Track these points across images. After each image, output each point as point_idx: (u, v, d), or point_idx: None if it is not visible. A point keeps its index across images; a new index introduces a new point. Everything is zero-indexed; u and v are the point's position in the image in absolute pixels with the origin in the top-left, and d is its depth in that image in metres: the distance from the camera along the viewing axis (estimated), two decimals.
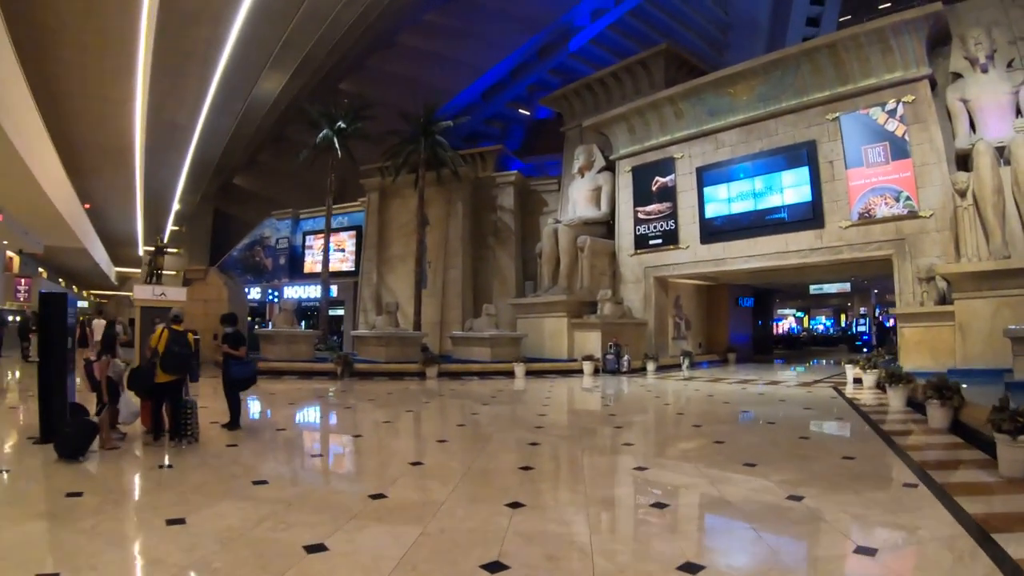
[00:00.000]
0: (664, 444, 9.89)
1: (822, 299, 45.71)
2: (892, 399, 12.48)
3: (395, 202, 30.86)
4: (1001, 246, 15.50)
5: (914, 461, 7.48)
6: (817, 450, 8.73)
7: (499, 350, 22.38)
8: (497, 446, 9.19)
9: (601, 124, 26.39)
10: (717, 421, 11.56)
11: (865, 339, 39.01)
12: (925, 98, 18.40)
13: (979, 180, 15.86)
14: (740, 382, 18.71)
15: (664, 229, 24.34)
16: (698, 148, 23.71)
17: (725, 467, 7.47)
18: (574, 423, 12.37)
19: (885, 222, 18.89)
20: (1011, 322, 13.66)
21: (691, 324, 27.63)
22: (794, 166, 21.05)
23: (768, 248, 21.46)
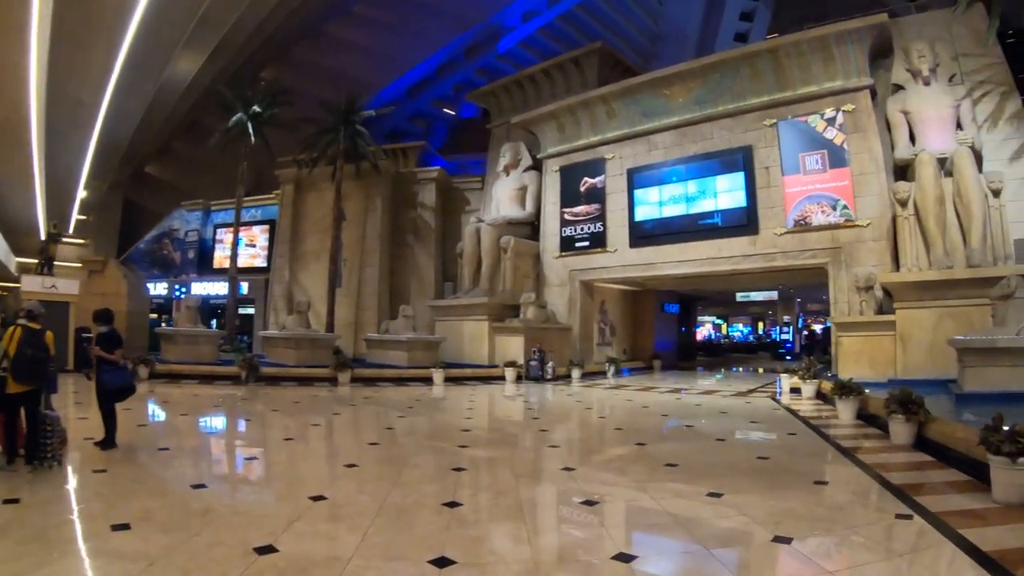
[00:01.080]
0: (608, 468, 8.35)
1: (741, 307, 45.28)
2: (842, 411, 11.70)
3: (311, 195, 28.72)
4: (942, 256, 15.15)
5: (894, 485, 6.62)
6: (783, 473, 7.58)
7: (416, 354, 20.93)
8: (417, 472, 7.57)
9: (530, 121, 25.06)
10: (662, 438, 10.47)
11: (788, 347, 39.07)
12: (865, 108, 18.03)
13: (921, 190, 15.49)
14: (672, 391, 17.66)
15: (592, 231, 23.08)
16: (630, 149, 22.67)
17: (690, 497, 6.38)
18: (502, 441, 10.98)
19: (821, 230, 18.31)
20: (953, 332, 13.38)
21: (616, 330, 26.60)
22: (729, 171, 20.25)
23: (700, 254, 20.56)
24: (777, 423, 11.80)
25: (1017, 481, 5.73)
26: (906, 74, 17.52)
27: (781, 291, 35.42)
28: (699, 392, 17.52)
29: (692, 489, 6.59)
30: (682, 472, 7.46)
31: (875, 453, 8.44)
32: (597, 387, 18.96)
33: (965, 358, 11.17)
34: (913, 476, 7.11)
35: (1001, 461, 5.76)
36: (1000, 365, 10.60)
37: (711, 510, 5.90)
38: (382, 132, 35.51)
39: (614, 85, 22.85)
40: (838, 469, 7.88)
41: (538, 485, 7.28)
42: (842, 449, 8.84)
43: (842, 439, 9.65)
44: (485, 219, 24.82)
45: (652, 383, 20.20)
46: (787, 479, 7.18)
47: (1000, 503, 5.76)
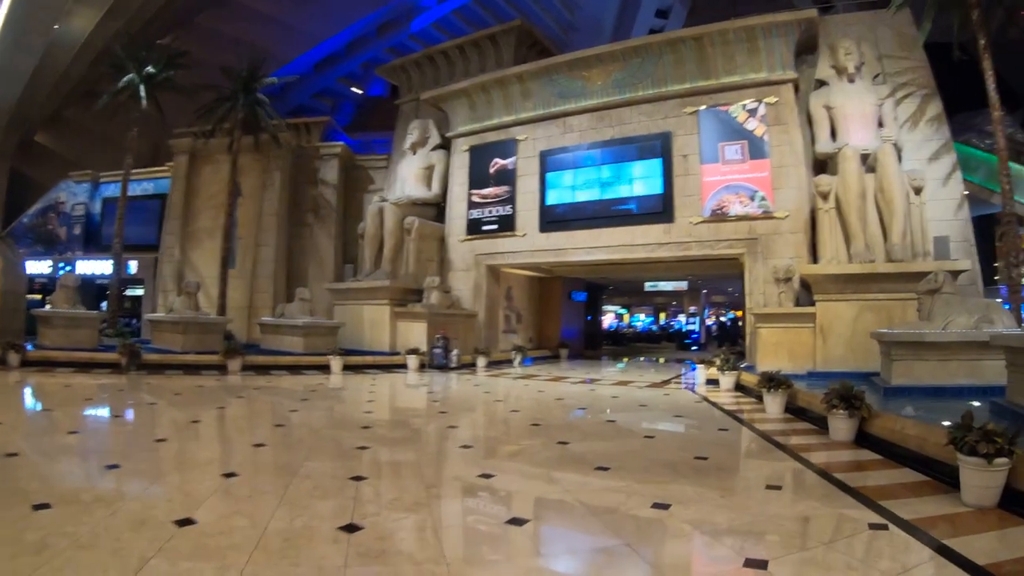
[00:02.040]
0: (532, 474, 6.90)
1: (645, 296, 44.94)
2: (770, 405, 11.09)
3: (206, 168, 26.34)
4: (863, 250, 14.84)
5: (853, 488, 5.96)
6: (728, 476, 6.92)
7: (314, 340, 19.28)
8: (308, 484, 5.97)
9: (440, 98, 23.55)
10: (585, 435, 9.20)
11: (695, 337, 38.58)
12: (788, 101, 17.74)
13: (844, 184, 15.16)
14: (584, 382, 16.75)
15: (500, 214, 21.80)
16: (544, 131, 21.53)
17: (634, 509, 5.38)
18: (408, 440, 9.21)
19: (738, 220, 17.78)
20: (874, 326, 13.32)
21: (522, 317, 25.55)
22: (646, 157, 19.45)
23: (613, 240, 19.66)
24: (703, 417, 11.02)
25: (991, 483, 5.35)
26: (830, 71, 17.29)
27: (691, 281, 34.95)
28: (613, 383, 16.59)
29: (634, 500, 5.61)
30: (617, 477, 6.48)
31: (818, 451, 7.78)
32: (504, 376, 17.88)
33: (893, 352, 10.81)
34: (869, 477, 6.51)
35: (976, 462, 5.33)
36: (927, 359, 10.50)
37: (660, 527, 5.02)
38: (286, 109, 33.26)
39: (531, 64, 21.74)
40: (786, 470, 7.10)
41: (454, 500, 5.93)
42: (782, 447, 8.11)
43: (778, 435, 8.92)
44: (389, 198, 23.15)
45: (561, 373, 19.25)
46: (735, 484, 6.59)
47: (972, 506, 5.37)
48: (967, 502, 5.43)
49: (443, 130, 23.76)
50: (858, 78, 16.92)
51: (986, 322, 10.73)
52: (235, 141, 23.25)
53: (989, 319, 10.82)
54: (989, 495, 5.36)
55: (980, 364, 10.31)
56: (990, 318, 10.85)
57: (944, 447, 5.90)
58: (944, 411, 8.02)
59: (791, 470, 7.02)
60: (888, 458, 7.25)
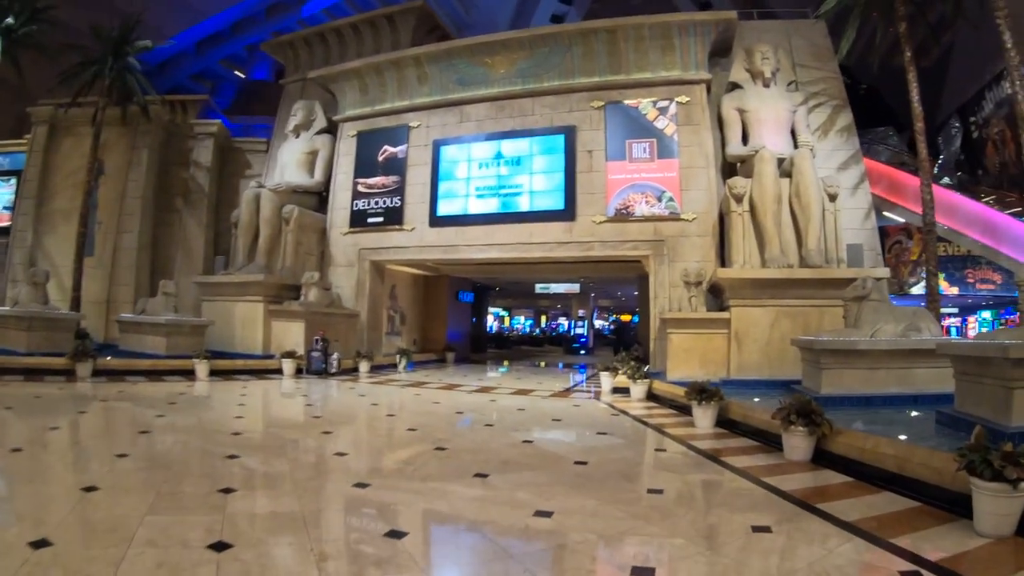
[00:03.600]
0: (460, 533, 5.09)
1: (530, 299, 43.79)
2: (700, 418, 10.03)
3: (67, 142, 23.13)
4: (778, 255, 14.20)
5: (851, 524, 4.99)
6: (699, 519, 5.51)
7: (178, 340, 16.75)
8: (149, 559, 3.94)
9: (329, 78, 21.51)
10: (504, 463, 7.29)
11: (583, 342, 37.46)
12: (700, 101, 17.21)
13: (761, 187, 14.50)
14: (481, 390, 15.14)
15: (387, 206, 19.89)
16: (439, 119, 19.93)
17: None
18: (287, 477, 6.50)
19: (644, 221, 16.90)
20: (790, 332, 13.11)
21: (407, 318, 23.75)
22: (548, 151, 18.24)
23: (509, 238, 18.26)
24: (629, 435, 9.87)
25: (1012, 510, 4.73)
26: (745, 74, 16.80)
27: (582, 284, 33.66)
28: (512, 392, 15.07)
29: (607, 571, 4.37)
30: (566, 527, 5.00)
31: (780, 475, 6.72)
32: (391, 384, 15.99)
33: (823, 360, 10.23)
34: (855, 507, 5.50)
35: (999, 489, 4.69)
36: (858, 368, 10.05)
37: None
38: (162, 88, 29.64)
39: (431, 46, 20.09)
40: (761, 503, 5.79)
41: (354, 565, 4.18)
42: (739, 471, 6.95)
43: (726, 455, 7.80)
44: (267, 184, 20.71)
45: (452, 379, 17.65)
46: (714, 528, 5.18)
47: (989, 536, 4.73)
48: (984, 532, 4.76)
49: (330, 113, 21.68)
50: (773, 84, 16.54)
51: (914, 330, 10.45)
52: (100, 111, 20.53)
53: (917, 327, 10.52)
54: (1008, 523, 4.74)
55: (910, 372, 10.08)
56: (918, 326, 10.55)
57: (931, 468, 5.62)
58: (891, 423, 7.94)
59: (766, 503, 5.80)
60: (859, 480, 6.48)
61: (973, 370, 7.39)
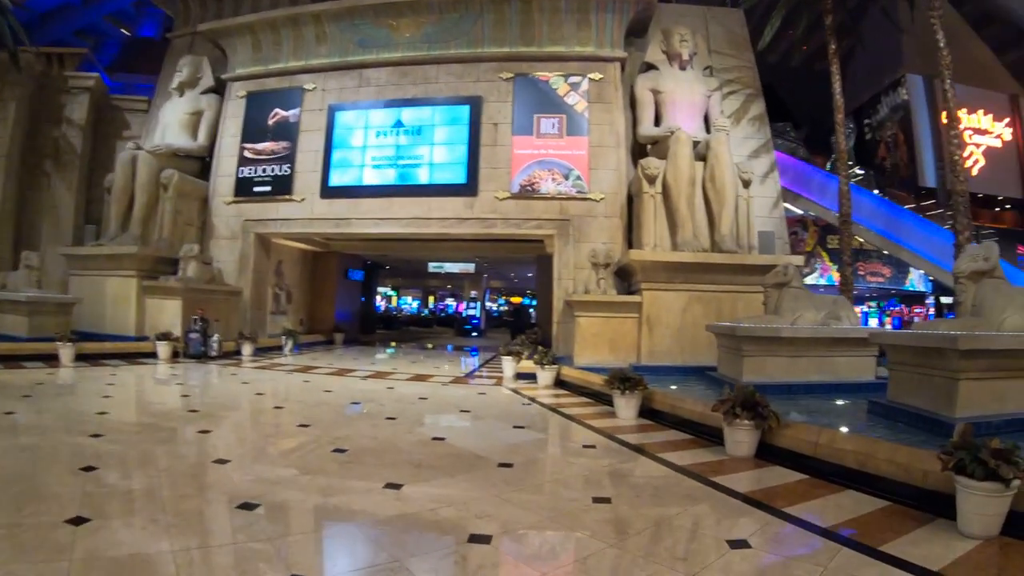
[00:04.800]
0: (372, 544, 4.15)
1: (420, 279, 42.13)
2: (622, 408, 9.15)
3: None
4: (691, 238, 13.74)
5: (830, 531, 4.43)
6: (670, 531, 4.59)
7: (42, 320, 14.57)
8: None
9: (220, 32, 19.37)
10: (417, 467, 6.08)
11: (475, 323, 36.27)
12: (613, 79, 16.42)
13: (676, 169, 13.93)
14: (376, 376, 13.73)
15: (276, 175, 18.05)
16: (336, 82, 18.25)
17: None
18: (156, 497, 4.87)
19: (549, 199, 15.96)
20: (703, 317, 12.86)
21: (293, 296, 21.75)
22: (452, 122, 17.00)
23: (406, 212, 16.85)
24: (550, 428, 8.85)
25: (1001, 510, 4.35)
26: (662, 55, 16.26)
27: (478, 264, 32.09)
28: (410, 378, 13.68)
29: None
30: (521, 559, 4.07)
31: (733, 474, 6.02)
32: (277, 369, 14.37)
33: (745, 347, 9.81)
34: (827, 510, 4.95)
35: (991, 488, 4.29)
36: (780, 355, 9.77)
37: None
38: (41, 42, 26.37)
39: (332, 3, 18.17)
40: (728, 513, 5.03)
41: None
42: (687, 472, 6.08)
43: (663, 452, 6.92)
44: (146, 146, 18.41)
45: (343, 363, 16.09)
46: (691, 553, 4.27)
47: (976, 537, 4.34)
48: (971, 533, 4.42)
49: (219, 72, 19.56)
50: (690, 67, 16.16)
51: (834, 318, 10.34)
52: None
53: (837, 315, 10.41)
54: (997, 523, 4.42)
55: (831, 360, 9.99)
56: (838, 314, 10.43)
57: (897, 465, 5.27)
58: (822, 412, 7.78)
59: (729, 510, 5.09)
60: (815, 477, 5.95)
61: (913, 360, 7.12)
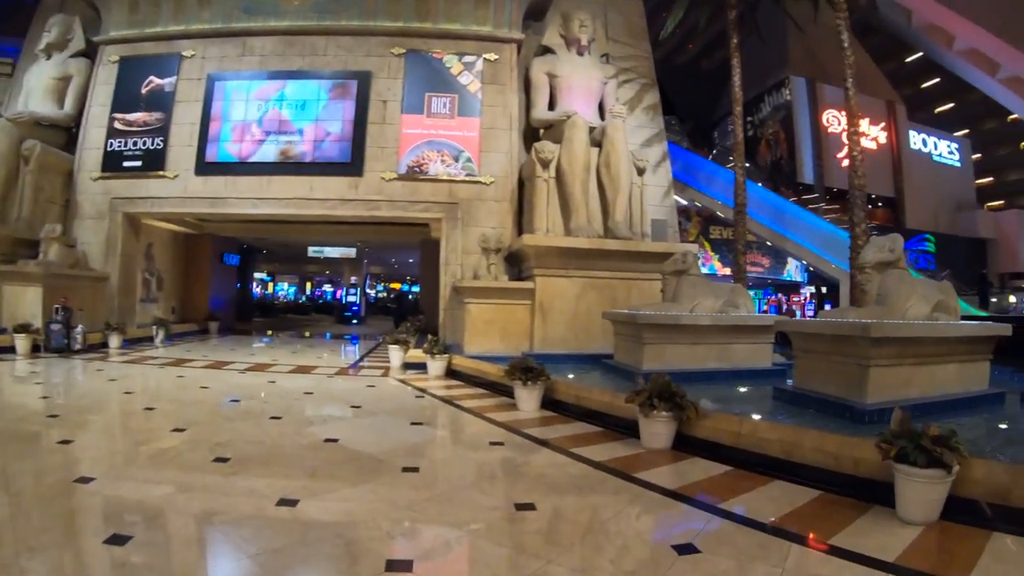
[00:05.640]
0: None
1: (297, 264, 40.26)
2: (524, 400, 8.53)
3: None
4: (585, 224, 13.23)
5: (776, 527, 4.18)
6: (608, 538, 4.05)
7: None
8: None
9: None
10: (312, 474, 5.25)
11: (355, 310, 34.74)
12: (509, 61, 15.79)
13: (571, 153, 13.44)
14: (256, 368, 12.40)
15: (148, 148, 16.34)
16: (218, 50, 16.68)
17: None
18: (9, 528, 3.76)
19: (438, 181, 15.16)
20: (597, 304, 12.53)
21: (164, 283, 19.82)
22: (339, 98, 15.85)
23: (288, 192, 15.55)
24: (449, 424, 8.17)
25: (942, 495, 4.32)
26: (560, 39, 15.74)
27: (359, 249, 30.60)
28: (291, 369, 12.57)
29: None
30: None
31: (655, 469, 5.61)
32: (148, 362, 12.80)
33: (645, 335, 9.56)
34: (767, 503, 4.65)
35: (933, 475, 4.25)
36: (680, 343, 9.64)
37: None
38: None
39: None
40: (664, 513, 4.65)
41: None
42: (607, 469, 5.59)
43: (575, 446, 6.38)
44: (5, 114, 16.46)
45: (219, 355, 14.69)
46: (640, 564, 3.81)
47: (917, 523, 4.28)
48: (912, 519, 4.31)
49: (92, 34, 17.40)
50: (587, 53, 15.72)
51: (731, 306, 10.28)
52: None
53: (735, 303, 10.35)
54: (937, 508, 4.34)
55: (729, 348, 9.98)
56: (735, 302, 10.38)
57: (825, 453, 5.11)
58: (728, 400, 7.59)
59: (665, 509, 4.72)
60: (739, 468, 5.65)
61: (823, 348, 7.08)
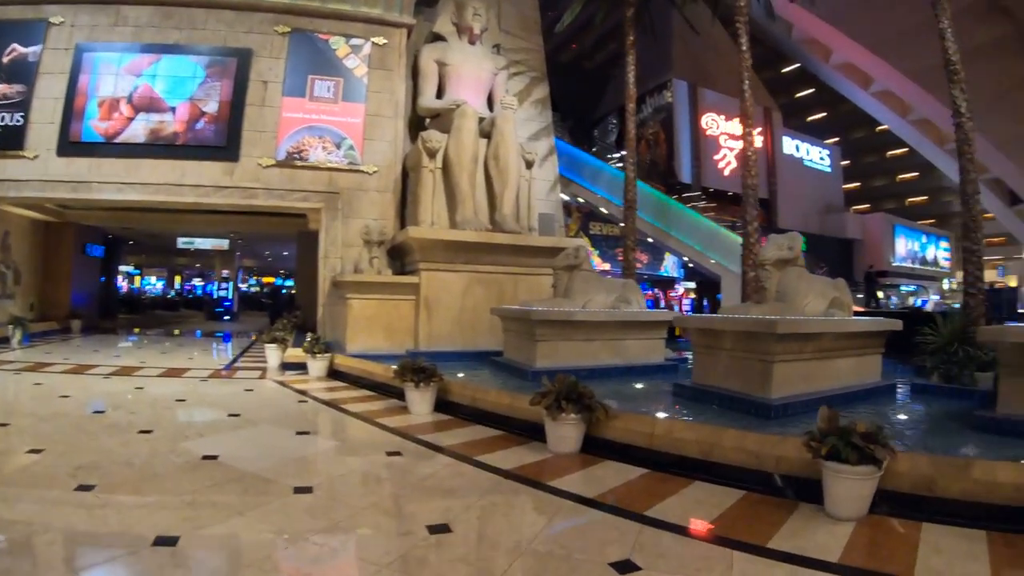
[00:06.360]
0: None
1: (166, 256, 37.94)
2: (417, 403, 7.89)
3: None
4: (473, 217, 12.78)
5: (715, 535, 3.96)
6: (546, 562, 3.65)
7: None
8: None
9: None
10: (188, 504, 4.33)
11: (227, 305, 33.02)
12: (398, 47, 14.97)
13: (459, 144, 12.92)
14: (122, 372, 11.11)
15: (6, 124, 14.39)
16: (89, 17, 14.95)
17: None
18: None
19: (319, 170, 14.19)
20: (484, 300, 12.28)
21: (22, 277, 17.73)
22: (217, 76, 14.56)
23: (157, 177, 14.10)
24: (338, 432, 7.39)
25: (871, 490, 4.29)
26: (452, 27, 15.08)
27: (232, 240, 28.54)
28: (161, 373, 11.28)
29: None
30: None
31: (571, 475, 5.24)
32: (2, 368, 11.19)
33: (538, 331, 9.20)
34: (695, 508, 4.40)
35: (865, 471, 4.20)
36: (573, 339, 9.39)
37: None
38: None
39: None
40: (593, 530, 4.09)
41: None
42: (520, 479, 5.11)
43: (478, 452, 5.89)
44: None
45: (82, 357, 13.15)
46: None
47: (851, 519, 4.23)
48: (843, 516, 4.24)
49: None
50: (479, 43, 15.12)
51: (623, 301, 10.13)
52: None
53: (627, 298, 10.19)
54: (866, 504, 4.30)
55: (622, 343, 9.81)
56: (627, 297, 10.23)
57: (746, 452, 4.94)
58: (626, 397, 7.47)
59: (593, 525, 4.22)
60: (656, 470, 5.37)
61: (724, 344, 7.05)
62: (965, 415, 6.45)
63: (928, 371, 8.46)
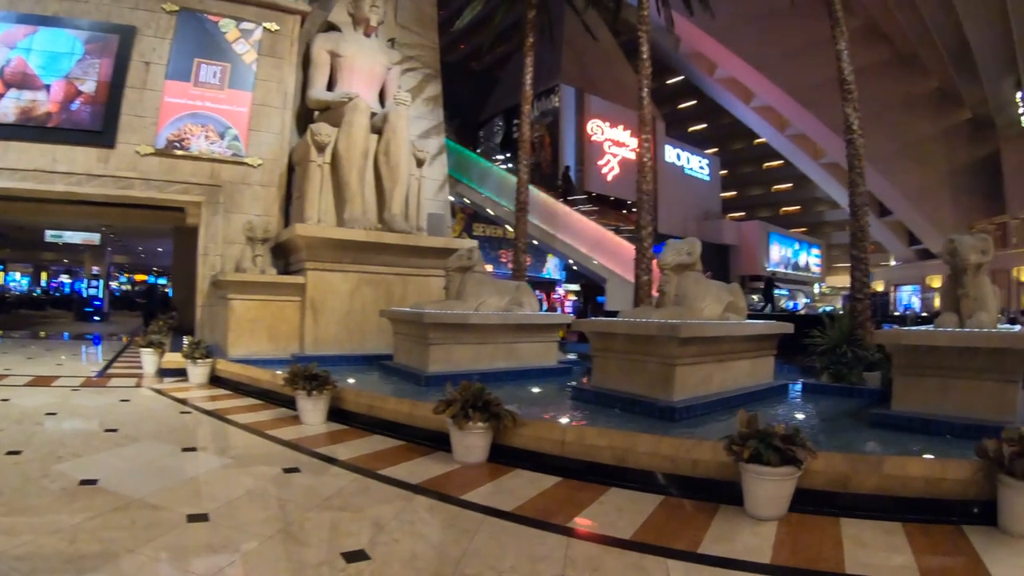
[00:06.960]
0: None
1: (31, 251, 35.46)
2: (308, 412, 7.37)
3: None
4: (361, 215, 12.28)
5: (639, 542, 3.90)
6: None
7: None
8: None
9: None
10: (68, 543, 3.56)
11: (97, 305, 30.75)
12: (291, 34, 14.25)
13: (350, 139, 12.39)
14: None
15: None
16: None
17: None
18: None
19: (200, 160, 13.29)
20: (372, 302, 11.94)
21: None
22: (96, 54, 13.28)
23: (25, 162, 12.64)
24: (226, 446, 6.56)
25: (791, 490, 4.38)
26: (347, 17, 14.53)
27: (104, 234, 26.58)
28: (28, 381, 10.06)
29: None
30: None
31: (483, 488, 4.99)
32: None
33: (431, 335, 8.97)
34: (617, 515, 4.34)
35: (786, 472, 4.30)
36: (467, 343, 9.29)
37: None
38: None
39: None
40: (524, 550, 3.75)
41: None
42: (443, 497, 4.75)
43: (382, 466, 5.50)
44: None
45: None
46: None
47: (772, 518, 4.32)
48: (764, 516, 4.31)
49: None
50: (375, 35, 14.69)
51: (516, 304, 10.08)
52: None
53: (519, 301, 10.16)
54: (787, 503, 4.41)
55: (516, 347, 9.78)
56: (520, 300, 10.20)
57: (662, 457, 4.96)
58: (524, 401, 7.37)
59: (522, 544, 3.88)
60: (569, 478, 5.27)
61: (625, 348, 7.10)
62: (860, 413, 6.82)
63: (818, 371, 8.86)
